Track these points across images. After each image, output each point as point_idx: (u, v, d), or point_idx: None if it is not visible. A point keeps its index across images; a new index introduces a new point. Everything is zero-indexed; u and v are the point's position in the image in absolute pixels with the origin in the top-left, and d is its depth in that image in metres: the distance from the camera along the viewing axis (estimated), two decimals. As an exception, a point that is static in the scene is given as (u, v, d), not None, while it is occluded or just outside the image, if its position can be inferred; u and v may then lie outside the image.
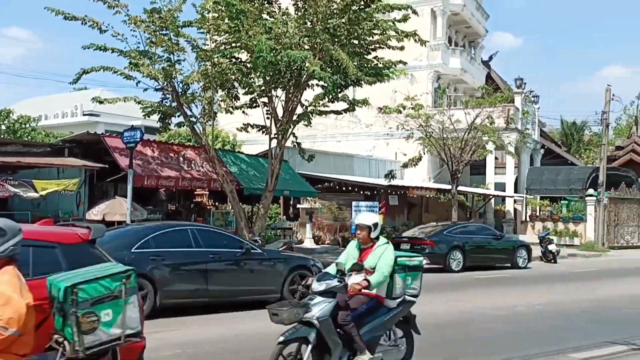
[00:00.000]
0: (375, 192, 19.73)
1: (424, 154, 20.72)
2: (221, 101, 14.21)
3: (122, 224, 13.09)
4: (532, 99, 27.80)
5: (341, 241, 19.35)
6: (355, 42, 12.83)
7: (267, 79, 12.83)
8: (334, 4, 12.27)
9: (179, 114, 13.67)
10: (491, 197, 24.84)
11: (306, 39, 12.25)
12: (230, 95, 14.02)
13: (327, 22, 12.09)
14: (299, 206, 19.94)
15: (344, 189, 19.84)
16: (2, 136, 20.24)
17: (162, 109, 13.70)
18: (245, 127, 14.72)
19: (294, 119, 13.65)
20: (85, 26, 12.48)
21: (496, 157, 26.06)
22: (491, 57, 34.67)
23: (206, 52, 12.70)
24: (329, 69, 12.08)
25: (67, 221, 14.01)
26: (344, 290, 4.45)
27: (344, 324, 4.42)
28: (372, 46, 13.24)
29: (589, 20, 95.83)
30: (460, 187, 20.32)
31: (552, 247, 17.73)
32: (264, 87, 13.38)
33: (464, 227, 15.91)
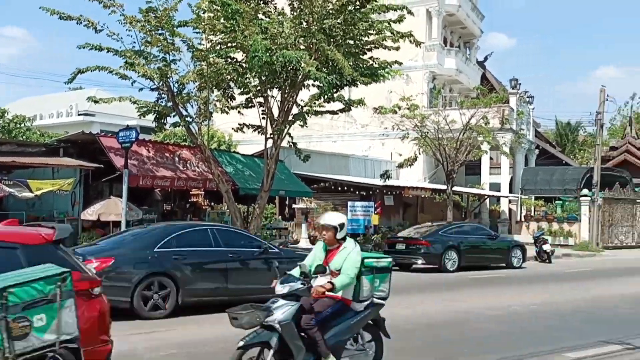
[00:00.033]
0: (370, 192, 19.76)
1: (420, 154, 20.80)
2: (217, 101, 14.19)
3: (118, 224, 13.08)
4: (527, 99, 27.90)
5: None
6: (350, 43, 12.85)
7: (263, 79, 12.83)
8: (329, 4, 12.28)
9: (175, 113, 13.65)
10: (486, 197, 24.92)
11: (302, 39, 12.26)
12: (225, 95, 14.01)
13: (323, 22, 12.10)
14: (294, 206, 19.94)
15: (339, 189, 19.85)
16: (-4, 136, 20.13)
17: (157, 108, 13.67)
18: (240, 127, 14.72)
19: (290, 119, 13.66)
20: (80, 26, 12.46)
21: (491, 158, 26.14)
22: (486, 58, 34.75)
23: (202, 52, 12.69)
24: (324, 69, 12.09)
25: (62, 221, 14.08)
26: (307, 292, 4.31)
27: (307, 328, 4.26)
28: (368, 46, 13.27)
29: (583, 21, 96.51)
30: (455, 188, 20.39)
31: (546, 247, 17.83)
32: (259, 87, 13.38)
33: (459, 227, 15.97)
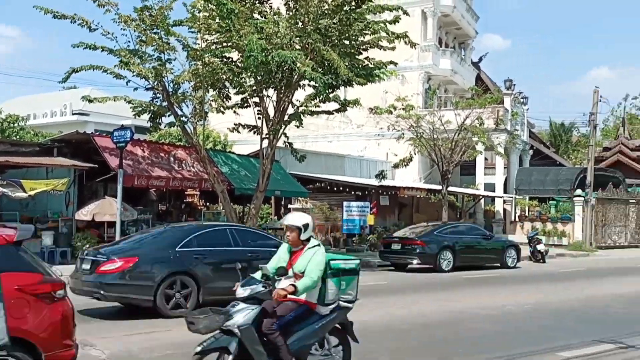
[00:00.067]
0: (366, 192, 19.79)
1: (415, 154, 20.84)
2: (212, 101, 14.17)
3: (113, 224, 13.02)
4: (521, 100, 28.04)
5: (332, 241, 19.40)
6: (346, 43, 12.86)
7: (259, 78, 12.82)
8: (325, 4, 12.29)
9: (170, 113, 13.61)
10: (481, 197, 25.02)
11: (297, 39, 12.26)
12: (221, 95, 13.99)
13: (319, 22, 12.11)
14: (290, 206, 19.93)
15: (335, 189, 19.87)
16: (-11, 135, 19.99)
17: (152, 108, 13.63)
18: (236, 127, 14.70)
19: (285, 119, 13.65)
20: (74, 25, 12.39)
21: (486, 158, 26.24)
22: (481, 59, 34.85)
23: (197, 52, 12.66)
24: (320, 69, 12.10)
25: (56, 221, 14.00)
26: (268, 295, 4.17)
27: (268, 332, 4.12)
28: (364, 47, 13.29)
29: (578, 23, 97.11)
30: (450, 188, 20.46)
31: (540, 247, 17.92)
32: (255, 87, 13.37)
33: (454, 227, 16.02)
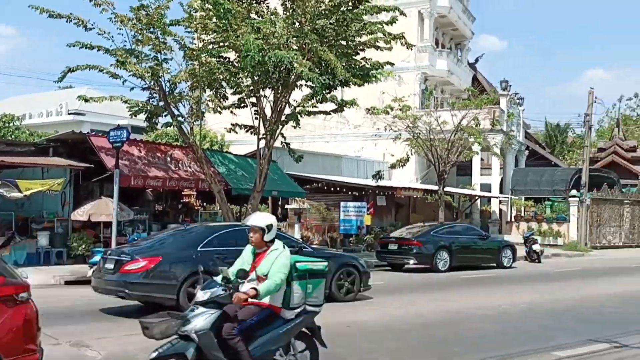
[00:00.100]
0: (363, 192, 19.80)
1: (412, 154, 20.88)
2: (209, 101, 14.13)
3: (109, 225, 12.96)
4: (517, 101, 28.16)
5: (329, 242, 19.39)
6: (343, 43, 12.87)
7: (255, 79, 12.81)
8: (322, 4, 12.29)
9: (166, 113, 13.57)
10: (477, 197, 25.10)
11: (294, 39, 12.25)
12: (218, 95, 13.96)
13: (316, 22, 12.10)
14: (287, 207, 19.92)
15: (332, 189, 19.87)
16: (-16, 135, 19.87)
17: (149, 108, 13.58)
18: (233, 127, 14.67)
19: (283, 119, 13.65)
20: (70, 24, 12.34)
21: (482, 159, 26.34)
22: (477, 60, 34.97)
23: (194, 51, 12.63)
24: (317, 70, 12.10)
25: (52, 222, 13.93)
26: (229, 299, 4.01)
27: (228, 337, 3.97)
28: (361, 47, 13.30)
29: (574, 24, 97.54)
30: (447, 188, 20.50)
31: (536, 247, 18.00)
32: (252, 87, 13.36)
33: (450, 227, 16.07)
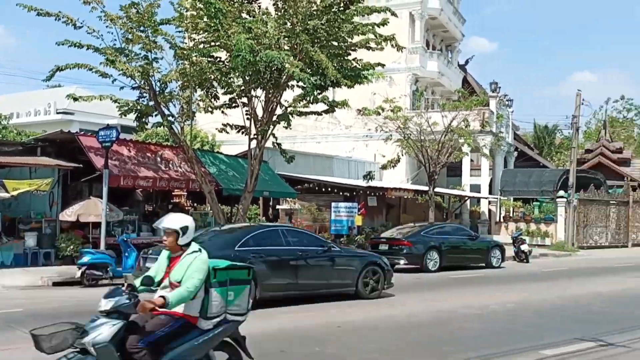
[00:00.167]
0: (354, 193, 19.84)
1: (402, 155, 20.97)
2: (200, 101, 14.07)
3: (98, 225, 12.85)
4: (506, 102, 28.41)
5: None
6: (334, 44, 12.89)
7: (247, 79, 12.78)
8: (313, 5, 12.31)
9: (157, 113, 13.49)
10: (467, 198, 25.27)
11: (286, 39, 12.25)
12: (209, 94, 13.91)
13: (307, 23, 12.11)
14: (278, 207, 19.90)
15: (323, 190, 19.88)
16: (-30, 134, 19.59)
17: (139, 107, 13.48)
18: (224, 127, 14.62)
19: (274, 119, 13.64)
20: (59, 22, 12.22)
21: (472, 160, 26.53)
22: (467, 61, 35.21)
23: (184, 51, 12.58)
24: (308, 70, 12.11)
25: (40, 222, 13.78)
26: (133, 309, 3.72)
27: (133, 351, 3.69)
28: (352, 48, 13.34)
29: (562, 27, 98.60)
30: (437, 189, 20.62)
31: (524, 247, 18.16)
32: (243, 87, 13.32)
33: (440, 227, 16.15)
